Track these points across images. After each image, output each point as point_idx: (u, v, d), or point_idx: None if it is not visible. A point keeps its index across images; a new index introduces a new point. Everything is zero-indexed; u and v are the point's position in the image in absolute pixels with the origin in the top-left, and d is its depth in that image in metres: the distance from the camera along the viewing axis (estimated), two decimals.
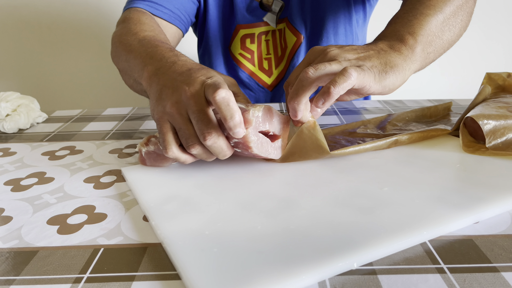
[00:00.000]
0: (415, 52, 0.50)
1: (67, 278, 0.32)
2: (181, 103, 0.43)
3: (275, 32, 0.86)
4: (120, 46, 0.60)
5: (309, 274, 0.30)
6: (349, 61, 0.46)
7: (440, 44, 0.53)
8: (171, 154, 0.44)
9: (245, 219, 0.37)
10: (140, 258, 0.34)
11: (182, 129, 0.43)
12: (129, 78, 0.59)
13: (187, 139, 0.43)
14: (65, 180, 0.49)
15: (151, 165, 0.49)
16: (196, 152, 0.44)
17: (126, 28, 0.64)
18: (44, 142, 0.62)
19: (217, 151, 0.43)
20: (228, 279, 0.30)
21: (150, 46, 0.54)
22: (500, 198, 0.39)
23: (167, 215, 0.39)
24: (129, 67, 0.56)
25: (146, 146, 0.48)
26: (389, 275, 0.31)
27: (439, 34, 0.53)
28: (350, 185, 0.43)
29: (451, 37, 0.55)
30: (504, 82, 0.63)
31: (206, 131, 0.41)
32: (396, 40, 0.50)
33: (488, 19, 1.52)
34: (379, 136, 0.56)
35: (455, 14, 0.55)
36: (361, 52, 0.48)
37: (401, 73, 0.47)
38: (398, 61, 0.48)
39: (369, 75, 0.44)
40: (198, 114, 0.42)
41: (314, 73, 0.43)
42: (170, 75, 0.46)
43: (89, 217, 0.41)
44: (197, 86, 0.42)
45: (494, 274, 0.31)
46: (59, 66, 1.50)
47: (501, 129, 0.50)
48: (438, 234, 0.35)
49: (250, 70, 0.88)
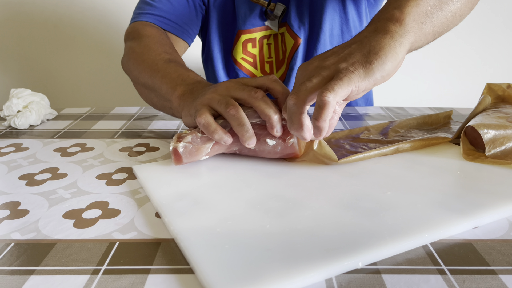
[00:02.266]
0: (403, 24, 0.45)
1: (85, 270, 0.33)
2: (222, 86, 0.51)
3: (277, 36, 0.87)
4: (144, 64, 0.65)
5: (316, 271, 0.32)
6: (328, 68, 0.43)
7: (440, 14, 0.49)
8: (216, 134, 0.48)
9: (254, 218, 0.39)
10: (154, 253, 0.36)
11: (224, 95, 0.50)
12: (150, 93, 0.65)
13: (227, 102, 0.48)
14: (78, 176, 0.51)
15: (187, 161, 0.50)
16: (234, 113, 0.48)
17: (147, 47, 0.69)
18: (55, 139, 0.64)
19: (263, 105, 0.48)
20: (239, 274, 0.31)
21: (180, 68, 0.61)
22: (498, 205, 0.41)
23: (179, 212, 0.40)
24: (153, 84, 0.62)
25: (181, 141, 0.49)
26: (393, 275, 0.33)
27: (436, 3, 0.48)
28: (355, 188, 0.45)
29: (454, 7, 0.50)
30: (504, 93, 0.65)
31: (267, 80, 0.50)
32: (382, 19, 0.46)
33: (490, 29, 1.55)
34: (382, 142, 0.58)
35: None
36: (341, 52, 0.45)
37: (389, 55, 0.42)
38: (384, 42, 0.43)
39: (349, 79, 0.41)
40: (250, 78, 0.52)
41: (297, 98, 0.43)
42: (204, 89, 0.54)
43: (103, 212, 0.42)
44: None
45: (492, 276, 0.32)
46: (67, 65, 1.52)
47: (501, 139, 0.52)
48: (439, 237, 0.37)
49: (252, 74, 0.90)
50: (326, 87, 0.41)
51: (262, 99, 0.49)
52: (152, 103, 0.67)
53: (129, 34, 0.76)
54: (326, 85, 0.41)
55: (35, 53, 1.50)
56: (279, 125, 0.48)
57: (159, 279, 0.32)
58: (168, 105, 0.60)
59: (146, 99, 0.68)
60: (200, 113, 0.49)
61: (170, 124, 0.71)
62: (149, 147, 0.60)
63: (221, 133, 0.48)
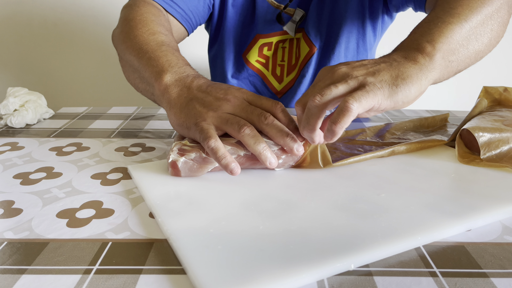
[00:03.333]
0: (433, 60, 0.46)
1: (77, 269, 0.33)
2: (225, 104, 0.49)
3: (292, 41, 0.87)
4: (134, 40, 0.60)
5: (309, 273, 0.32)
6: (356, 78, 0.43)
7: (465, 53, 0.50)
8: (224, 160, 0.45)
9: (248, 219, 0.39)
10: (147, 253, 0.36)
11: (236, 112, 0.48)
12: (134, 73, 0.60)
13: (239, 122, 0.47)
14: (72, 175, 0.50)
15: (185, 175, 0.47)
16: (248, 132, 0.46)
17: (141, 19, 0.64)
18: (51, 138, 0.64)
19: (274, 130, 0.47)
20: (232, 275, 0.31)
21: (170, 53, 0.56)
22: (492, 208, 0.41)
23: (173, 212, 0.40)
24: (139, 64, 0.57)
25: (183, 156, 0.47)
26: (384, 277, 0.33)
27: (463, 43, 0.49)
28: (349, 190, 0.45)
29: (479, 47, 0.51)
30: (500, 96, 0.65)
31: (273, 106, 0.49)
32: (412, 49, 0.47)
33: None
34: (377, 144, 0.58)
35: (484, 23, 0.51)
36: (370, 67, 0.45)
37: (415, 84, 0.43)
38: (412, 71, 0.44)
39: (375, 94, 0.41)
40: (258, 96, 0.49)
41: (320, 100, 0.43)
42: (197, 91, 0.51)
43: (97, 212, 0.42)
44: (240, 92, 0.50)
45: (484, 280, 0.32)
46: (65, 64, 1.52)
47: (496, 142, 0.52)
48: (432, 240, 0.37)
49: (263, 74, 0.90)
50: (353, 96, 0.41)
51: (271, 125, 0.47)
52: (134, 83, 0.62)
53: (127, 6, 0.70)
54: (353, 94, 0.41)
55: (33, 52, 1.50)
56: (296, 144, 0.47)
57: (151, 279, 0.32)
58: (150, 90, 0.57)
59: (129, 77, 0.64)
60: (208, 136, 0.45)
61: (167, 124, 0.71)
62: (145, 147, 0.60)
63: (229, 160, 0.45)
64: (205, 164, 0.47)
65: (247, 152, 0.48)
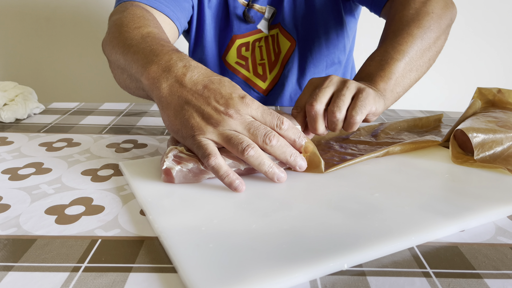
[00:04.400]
0: (385, 94, 0.56)
1: (65, 267, 0.33)
2: (225, 120, 0.44)
3: (268, 38, 0.87)
4: (119, 37, 0.56)
5: (301, 272, 0.31)
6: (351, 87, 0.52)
7: (407, 82, 0.60)
8: (226, 179, 0.43)
9: (241, 218, 0.39)
10: (137, 251, 0.35)
11: (239, 130, 0.44)
12: (123, 73, 0.55)
13: (242, 142, 0.43)
14: (62, 171, 0.50)
15: (179, 182, 0.45)
16: (253, 153, 0.43)
17: (127, 19, 0.59)
18: (41, 133, 0.63)
19: (278, 152, 0.45)
20: (223, 274, 0.31)
21: (155, 43, 0.51)
22: (485, 209, 0.41)
23: (164, 210, 0.40)
24: (125, 61, 0.52)
25: (179, 165, 0.44)
26: (378, 277, 0.32)
27: (406, 75, 0.59)
28: (343, 190, 0.44)
29: (418, 75, 0.61)
30: (494, 97, 0.65)
31: (278, 125, 0.46)
32: (372, 83, 0.56)
33: (481, 34, 1.56)
34: (371, 143, 0.58)
35: (422, 55, 0.61)
36: (354, 81, 0.54)
37: (383, 101, 0.55)
38: (376, 94, 0.54)
39: (366, 100, 0.51)
40: (263, 110, 0.46)
41: (319, 105, 0.50)
42: (189, 87, 0.46)
43: (86, 208, 0.41)
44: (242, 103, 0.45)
45: (477, 280, 0.32)
46: (57, 59, 1.50)
47: (489, 143, 0.52)
48: (425, 240, 0.37)
49: (246, 76, 0.90)
50: (355, 110, 0.50)
51: (276, 146, 0.45)
52: (124, 85, 0.57)
53: (114, 12, 0.66)
54: (355, 107, 0.50)
55: (24, 46, 1.48)
56: (300, 163, 0.47)
57: (140, 278, 0.32)
58: (141, 86, 0.51)
59: (119, 81, 0.59)
60: (207, 153, 0.43)
61: (160, 121, 0.70)
62: (137, 143, 0.59)
63: (232, 178, 0.43)
64: (201, 175, 0.45)
65: (248, 166, 0.46)
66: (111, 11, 0.68)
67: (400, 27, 0.62)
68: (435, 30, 0.62)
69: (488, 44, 1.58)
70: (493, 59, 1.61)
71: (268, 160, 0.45)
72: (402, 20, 0.63)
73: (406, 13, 0.63)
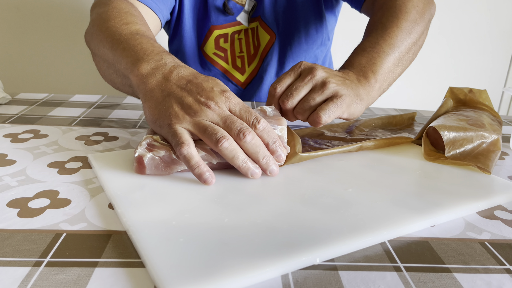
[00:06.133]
0: (374, 89, 0.57)
1: (26, 261, 0.31)
2: (204, 110, 0.45)
3: (248, 31, 0.87)
4: (107, 32, 0.56)
5: (273, 267, 0.31)
6: (330, 89, 0.52)
7: (392, 77, 0.60)
8: (197, 169, 0.42)
9: (213, 211, 0.38)
10: (104, 245, 0.34)
11: (215, 121, 0.44)
12: (109, 67, 0.56)
13: (216, 133, 0.43)
14: (27, 163, 0.48)
15: (151, 173, 0.44)
16: (227, 145, 0.43)
17: (114, 13, 0.60)
18: (6, 124, 0.60)
19: (251, 150, 0.44)
20: (193, 269, 0.30)
21: (145, 42, 0.52)
22: (455, 205, 0.41)
23: (134, 203, 0.38)
24: (114, 56, 0.53)
25: (151, 152, 0.44)
26: (349, 271, 0.32)
27: (393, 70, 0.59)
28: (317, 184, 0.44)
29: (402, 70, 0.62)
30: (466, 97, 0.66)
31: (254, 124, 0.45)
32: (361, 75, 0.57)
33: (454, 36, 1.59)
34: (346, 139, 0.58)
35: (409, 50, 0.61)
36: (339, 80, 0.53)
37: (363, 104, 0.55)
38: (364, 95, 0.55)
39: (337, 106, 0.51)
40: (242, 107, 0.46)
41: (291, 104, 0.52)
42: (174, 85, 0.47)
43: (52, 201, 0.40)
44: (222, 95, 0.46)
45: (446, 275, 0.32)
46: (26, 48, 1.45)
47: (460, 141, 0.53)
48: (397, 235, 0.37)
49: (224, 68, 0.89)
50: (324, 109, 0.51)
51: (250, 143, 0.44)
52: (110, 79, 0.58)
53: (97, 3, 0.66)
54: (324, 107, 0.51)
55: None
56: (271, 167, 0.45)
57: (106, 273, 0.30)
58: (128, 83, 0.52)
59: (104, 74, 0.59)
60: (181, 143, 0.42)
61: (132, 114, 0.68)
62: (108, 136, 0.58)
63: (203, 169, 0.42)
64: (173, 165, 0.44)
65: (221, 160, 0.45)
66: (83, 1, 0.66)
67: (389, 18, 0.62)
68: (421, 25, 0.63)
69: (460, 45, 1.62)
70: (465, 60, 1.65)
71: (243, 154, 0.44)
72: (390, 11, 0.63)
73: (393, 4, 0.64)
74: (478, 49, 1.64)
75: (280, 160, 0.46)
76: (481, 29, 1.61)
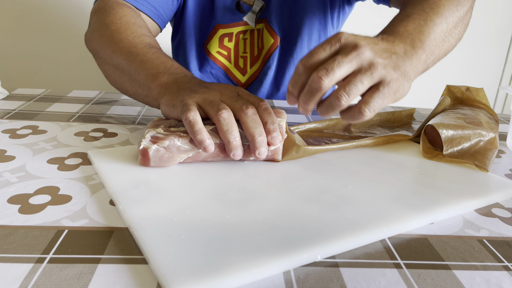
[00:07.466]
0: (420, 61, 0.48)
1: (29, 258, 0.31)
2: (215, 89, 0.50)
3: (253, 32, 0.86)
4: (121, 43, 0.59)
5: (275, 263, 0.31)
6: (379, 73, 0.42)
7: (438, 53, 0.53)
8: (199, 135, 0.44)
9: (214, 209, 0.38)
10: (106, 241, 0.34)
11: (216, 99, 0.47)
12: (122, 76, 0.59)
13: (219, 105, 0.46)
14: (27, 159, 0.47)
15: (155, 165, 0.45)
16: (226, 116, 0.45)
17: (123, 24, 0.62)
18: (4, 120, 0.60)
19: (250, 123, 0.45)
20: (195, 265, 0.30)
21: (163, 55, 0.57)
22: (454, 202, 0.42)
23: (135, 200, 0.38)
24: (129, 67, 0.57)
25: (155, 144, 0.45)
26: (350, 268, 0.32)
27: (440, 44, 0.52)
28: (317, 182, 0.44)
29: (448, 47, 0.55)
30: (463, 95, 0.66)
31: (259, 104, 0.48)
32: (409, 44, 0.47)
33: None
34: (345, 137, 0.59)
35: (456, 25, 0.55)
36: (386, 58, 0.43)
37: (409, 84, 0.45)
38: (410, 69, 0.45)
39: (384, 97, 0.42)
40: (244, 91, 0.50)
41: (329, 82, 0.41)
42: (192, 84, 0.52)
43: (52, 198, 0.40)
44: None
45: (446, 272, 0.33)
46: (23, 43, 1.44)
47: (458, 139, 0.53)
48: (397, 232, 0.37)
49: (226, 66, 0.88)
50: (360, 109, 0.41)
51: (251, 117, 0.46)
52: (121, 87, 0.60)
53: (100, 9, 0.67)
54: (370, 102, 0.41)
55: None
56: (262, 149, 0.45)
57: (109, 269, 0.31)
58: (144, 92, 0.56)
59: (115, 82, 0.61)
60: (188, 109, 0.45)
61: (131, 110, 0.68)
62: (107, 132, 0.58)
63: (205, 136, 0.44)
64: (178, 154, 0.45)
65: (222, 141, 0.46)
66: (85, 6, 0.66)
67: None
68: (466, 4, 0.57)
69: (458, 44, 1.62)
70: (463, 59, 1.66)
71: (237, 131, 0.45)
72: None
73: None
74: (474, 48, 1.65)
75: (274, 143, 0.46)
76: (477, 28, 1.62)
